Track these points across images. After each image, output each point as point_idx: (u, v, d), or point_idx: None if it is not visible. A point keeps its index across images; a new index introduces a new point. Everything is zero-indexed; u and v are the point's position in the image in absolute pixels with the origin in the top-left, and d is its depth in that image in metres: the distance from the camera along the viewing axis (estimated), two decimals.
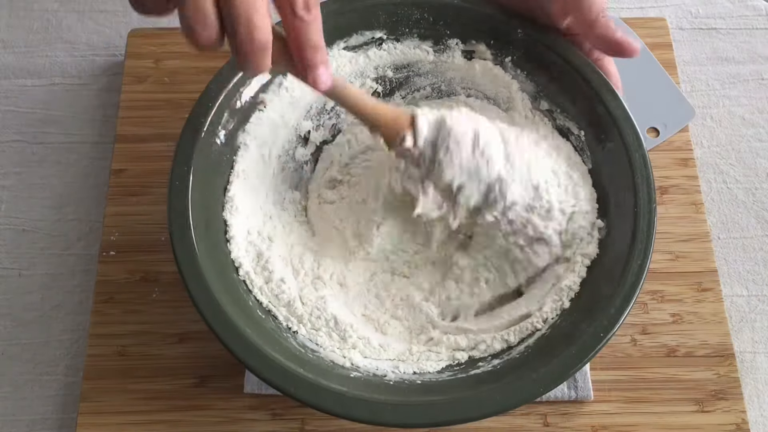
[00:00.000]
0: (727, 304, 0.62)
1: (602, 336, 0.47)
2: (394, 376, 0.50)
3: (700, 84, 0.71)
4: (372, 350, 0.52)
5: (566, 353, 0.47)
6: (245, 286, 0.52)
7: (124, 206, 0.64)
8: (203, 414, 0.57)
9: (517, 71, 0.59)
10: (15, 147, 0.68)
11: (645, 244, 0.50)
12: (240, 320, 0.48)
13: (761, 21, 0.74)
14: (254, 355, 0.47)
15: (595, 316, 0.48)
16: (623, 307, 0.48)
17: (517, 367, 0.49)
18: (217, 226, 0.53)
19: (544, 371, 0.47)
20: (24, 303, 0.62)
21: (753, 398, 0.59)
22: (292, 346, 0.50)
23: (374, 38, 0.59)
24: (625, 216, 0.52)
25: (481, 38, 0.59)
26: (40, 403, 0.59)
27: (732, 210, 0.66)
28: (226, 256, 0.53)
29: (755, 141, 0.69)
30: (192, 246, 0.49)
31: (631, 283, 0.49)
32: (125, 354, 0.59)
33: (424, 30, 0.59)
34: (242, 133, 0.56)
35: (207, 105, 0.53)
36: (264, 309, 0.52)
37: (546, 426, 0.56)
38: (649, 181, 0.52)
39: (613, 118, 0.54)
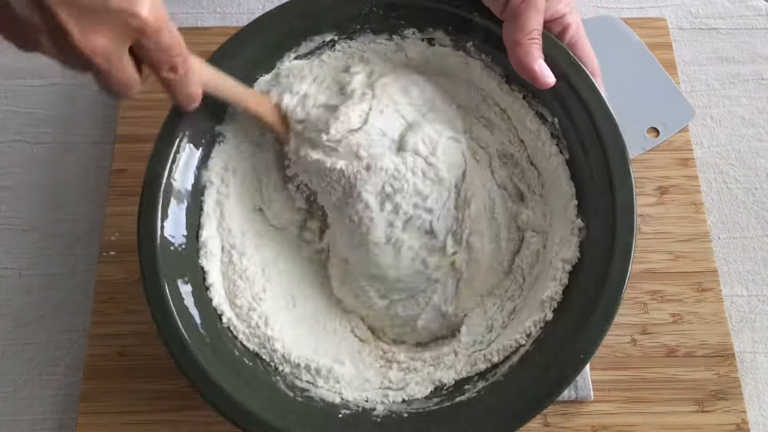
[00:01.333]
0: (727, 304, 0.62)
1: (584, 358, 0.47)
2: (383, 408, 0.51)
3: (700, 84, 0.71)
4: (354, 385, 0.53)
5: (548, 374, 0.47)
6: (230, 333, 0.52)
7: (124, 206, 0.64)
8: (203, 414, 0.57)
9: (482, 55, 0.56)
10: (15, 147, 0.68)
11: (626, 241, 0.48)
12: (227, 379, 0.48)
13: (761, 21, 0.74)
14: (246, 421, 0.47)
15: (576, 335, 0.47)
16: (605, 322, 0.47)
17: (502, 392, 0.49)
18: (195, 275, 0.52)
19: (526, 396, 0.47)
20: (24, 303, 0.62)
21: (753, 398, 0.59)
22: (282, 391, 0.51)
23: (325, 41, 0.57)
24: (604, 215, 0.50)
25: (438, 25, 0.56)
26: (40, 403, 0.59)
27: (732, 210, 0.66)
28: (208, 305, 0.52)
29: (755, 141, 0.69)
30: (170, 311, 0.49)
31: (614, 292, 0.47)
32: (125, 354, 0.59)
33: (375, 24, 0.57)
34: (205, 171, 0.55)
35: (162, 157, 0.52)
36: (251, 354, 0.52)
37: (546, 426, 0.56)
38: (627, 172, 0.49)
39: (584, 104, 0.51)
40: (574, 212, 0.52)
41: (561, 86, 0.52)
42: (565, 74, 0.52)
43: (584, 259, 0.51)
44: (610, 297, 0.47)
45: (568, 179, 0.54)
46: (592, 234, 0.51)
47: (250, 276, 0.55)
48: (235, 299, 0.53)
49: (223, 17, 0.74)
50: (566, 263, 0.51)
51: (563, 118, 0.53)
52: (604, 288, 0.48)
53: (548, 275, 0.52)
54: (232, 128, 0.56)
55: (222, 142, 0.56)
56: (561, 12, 0.52)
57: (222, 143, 0.56)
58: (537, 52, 0.50)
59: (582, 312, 0.48)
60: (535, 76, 0.51)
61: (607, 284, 0.48)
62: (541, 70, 0.50)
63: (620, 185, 0.49)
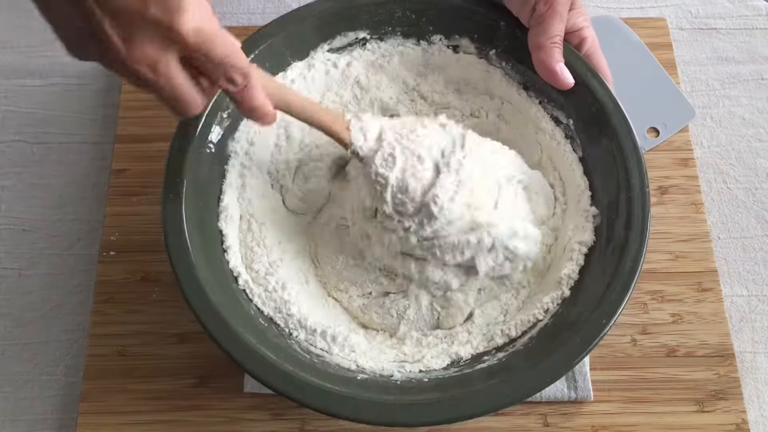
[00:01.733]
0: (727, 304, 0.62)
1: (605, 323, 0.47)
2: (401, 376, 0.50)
3: (700, 84, 0.71)
4: (370, 355, 0.52)
5: (570, 342, 0.47)
6: (245, 296, 0.53)
7: (124, 206, 0.64)
8: (203, 414, 0.57)
9: (502, 63, 0.60)
10: (15, 147, 0.68)
11: (641, 228, 0.50)
12: (244, 331, 0.48)
13: (761, 21, 0.74)
14: (260, 365, 0.47)
15: (597, 303, 0.48)
16: (623, 292, 0.48)
17: (522, 359, 0.49)
18: (213, 237, 0.53)
19: (549, 361, 0.47)
20: (24, 303, 0.62)
21: (753, 398, 0.59)
22: (297, 352, 0.50)
23: (358, 39, 0.60)
24: (619, 202, 0.52)
25: (464, 33, 0.60)
26: (40, 403, 0.59)
27: (732, 210, 0.66)
28: (225, 266, 0.53)
29: (755, 141, 0.69)
30: (190, 259, 0.49)
31: (629, 269, 0.49)
32: (125, 354, 0.59)
33: (406, 27, 0.60)
34: (232, 142, 0.56)
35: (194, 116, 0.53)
36: (266, 317, 0.52)
37: (546, 426, 0.56)
38: (641, 166, 0.52)
39: (601, 106, 0.54)
40: (587, 202, 0.55)
41: (578, 88, 0.55)
42: (582, 78, 0.55)
43: (599, 244, 0.53)
44: (629, 268, 0.49)
45: (581, 174, 0.56)
46: (606, 220, 0.53)
47: (268, 245, 0.55)
48: (251, 264, 0.54)
49: (223, 17, 0.74)
50: (582, 245, 0.53)
51: (577, 118, 0.56)
52: (622, 261, 0.49)
53: (564, 257, 0.54)
54: None
55: None
56: (579, 25, 0.57)
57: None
58: (558, 55, 0.54)
59: (600, 286, 0.49)
60: (556, 77, 0.55)
61: (624, 258, 0.49)
62: (561, 71, 0.55)
63: (634, 171, 0.52)
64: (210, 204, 0.54)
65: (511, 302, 0.55)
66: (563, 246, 0.55)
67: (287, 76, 0.59)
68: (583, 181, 0.56)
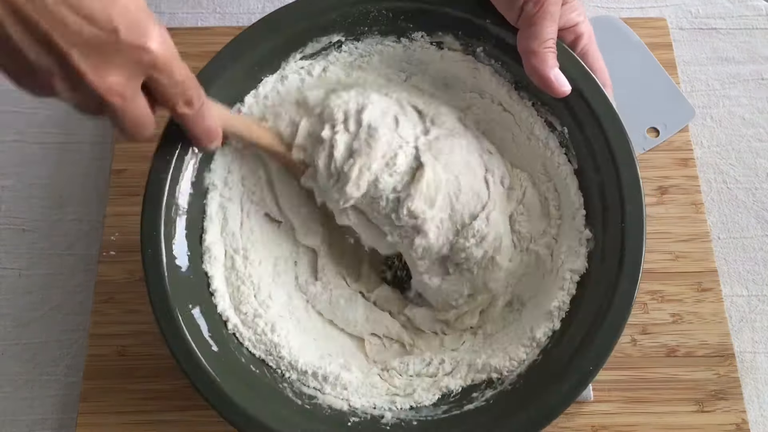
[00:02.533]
0: (727, 304, 0.62)
1: (592, 370, 0.47)
2: (392, 415, 0.50)
3: (700, 84, 0.71)
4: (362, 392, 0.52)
5: (558, 390, 0.47)
6: (236, 340, 0.52)
7: (124, 206, 0.64)
8: (203, 414, 0.57)
9: (491, 60, 0.55)
10: (15, 147, 0.68)
11: (633, 268, 0.48)
12: (236, 389, 0.48)
13: (761, 21, 0.74)
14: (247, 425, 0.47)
15: (586, 346, 0.47)
16: (613, 334, 0.47)
17: (510, 401, 0.49)
18: (199, 282, 0.52)
19: (535, 410, 0.47)
20: (24, 303, 0.62)
21: (753, 398, 0.59)
22: (289, 399, 0.50)
23: (332, 42, 0.56)
24: (613, 222, 0.49)
25: (448, 30, 0.55)
26: (40, 403, 0.59)
27: (732, 210, 0.66)
28: (214, 311, 0.52)
29: (755, 141, 0.69)
30: (179, 326, 0.48)
31: (621, 306, 0.47)
32: (125, 354, 0.59)
33: (384, 26, 0.55)
34: (208, 174, 0.54)
35: (165, 158, 0.51)
36: (258, 360, 0.52)
37: None
38: (637, 185, 0.49)
39: (594, 115, 0.51)
40: (582, 222, 0.52)
41: (572, 96, 0.51)
42: (577, 84, 0.51)
43: (592, 269, 0.51)
44: (619, 309, 0.47)
45: (576, 189, 0.53)
46: (600, 245, 0.50)
47: (256, 281, 0.54)
48: (240, 305, 0.53)
49: (223, 17, 0.74)
50: (574, 273, 0.51)
51: (573, 127, 0.53)
52: (614, 299, 0.48)
53: (556, 285, 0.52)
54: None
55: (225, 144, 0.54)
56: (574, 21, 0.52)
57: (225, 145, 0.54)
58: (552, 61, 0.50)
59: (590, 322, 0.48)
60: (551, 85, 0.50)
61: (616, 296, 0.48)
62: (557, 78, 0.50)
63: (630, 198, 0.49)
64: (194, 246, 0.52)
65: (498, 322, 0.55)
66: (556, 270, 0.53)
67: (259, 93, 0.55)
68: (578, 198, 0.53)
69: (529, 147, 0.56)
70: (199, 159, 0.53)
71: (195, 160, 0.52)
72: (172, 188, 0.51)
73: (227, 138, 0.51)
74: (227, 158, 0.55)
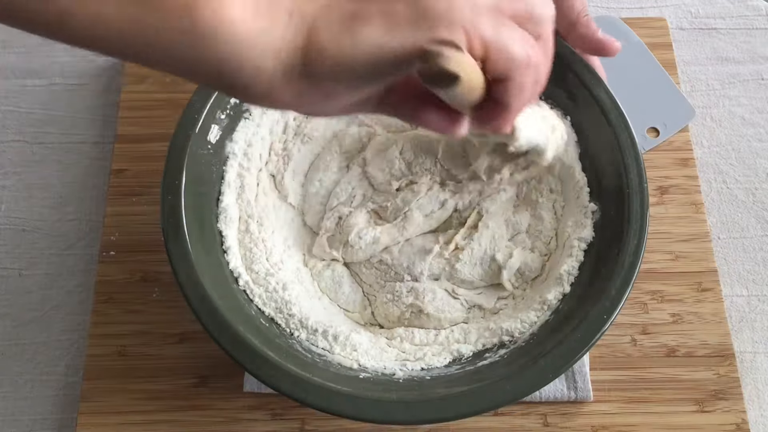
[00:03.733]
0: (727, 304, 0.62)
1: (605, 318, 0.47)
2: (403, 374, 0.50)
3: (700, 84, 0.71)
4: (372, 354, 0.52)
5: (571, 339, 0.47)
6: (246, 296, 0.52)
7: (124, 206, 0.64)
8: (203, 414, 0.57)
9: None
10: (15, 147, 0.68)
11: (640, 224, 0.50)
12: (246, 331, 0.48)
13: (761, 21, 0.74)
14: (262, 364, 0.46)
15: (597, 298, 0.48)
16: (623, 287, 0.48)
17: (524, 356, 0.49)
18: (212, 238, 0.53)
19: (550, 358, 0.47)
20: (24, 303, 0.62)
21: (753, 398, 0.59)
22: (299, 352, 0.50)
23: None
24: (617, 197, 0.52)
25: None
26: (40, 403, 0.59)
27: (732, 210, 0.66)
28: (225, 267, 0.53)
29: (755, 141, 0.69)
30: (190, 260, 0.49)
31: (629, 264, 0.49)
32: (125, 354, 0.59)
33: None
34: (230, 143, 0.56)
35: (193, 116, 0.53)
36: (267, 317, 0.52)
37: (546, 426, 0.56)
38: (639, 162, 0.52)
39: (598, 102, 0.54)
40: (586, 198, 0.55)
41: (574, 84, 0.55)
42: (578, 74, 0.54)
43: (598, 239, 0.53)
44: (629, 263, 0.49)
45: (580, 170, 0.56)
46: (605, 216, 0.53)
47: (269, 246, 0.55)
48: (251, 265, 0.54)
49: None
50: (582, 241, 0.53)
51: (576, 115, 0.56)
52: (621, 256, 0.49)
53: (564, 253, 0.54)
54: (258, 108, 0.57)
55: (248, 119, 0.57)
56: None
57: (248, 119, 0.57)
58: (594, 25, 0.52)
59: (600, 281, 0.50)
60: (604, 45, 0.53)
61: (623, 253, 0.49)
62: (606, 38, 0.53)
63: (632, 167, 0.52)
64: (209, 205, 0.54)
65: (509, 302, 0.56)
66: (563, 242, 0.55)
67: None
68: (582, 178, 0.56)
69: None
70: (223, 126, 0.55)
71: (219, 126, 0.55)
72: (195, 143, 0.53)
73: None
74: (249, 131, 0.57)
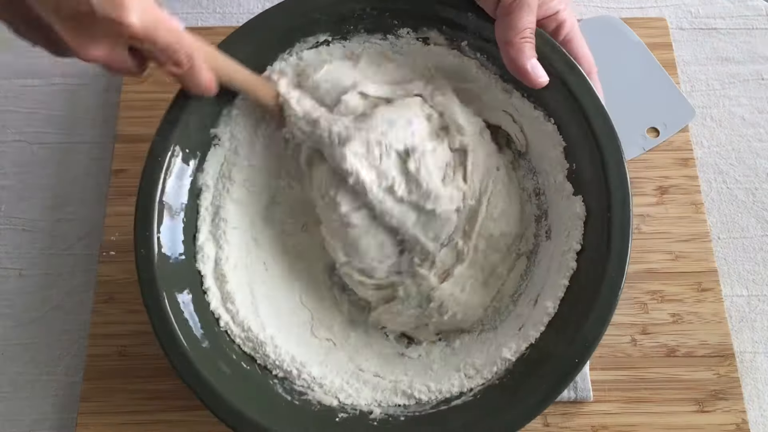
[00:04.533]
0: (727, 304, 0.62)
1: (578, 362, 0.47)
2: (380, 411, 0.51)
3: (700, 84, 0.71)
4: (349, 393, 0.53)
5: (545, 380, 0.47)
6: (228, 337, 0.52)
7: (124, 206, 0.63)
8: (203, 414, 0.57)
9: (477, 54, 0.56)
10: (15, 147, 0.68)
11: (619, 262, 0.48)
12: (227, 388, 0.49)
13: (761, 21, 0.74)
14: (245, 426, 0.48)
15: (571, 339, 0.48)
16: (599, 327, 0.47)
17: (498, 396, 0.49)
18: (193, 281, 0.52)
19: (523, 402, 0.47)
20: (24, 303, 0.62)
21: (753, 398, 0.59)
22: (279, 395, 0.51)
23: (318, 42, 0.56)
24: (600, 220, 0.50)
25: (432, 24, 0.55)
26: (40, 403, 0.59)
27: (732, 210, 0.66)
28: (207, 310, 0.52)
29: (755, 141, 0.69)
30: (172, 325, 0.49)
31: (606, 301, 0.48)
32: (125, 354, 0.59)
33: (370, 24, 0.56)
34: (201, 175, 0.55)
35: (157, 158, 0.52)
36: (248, 358, 0.52)
37: (546, 426, 0.56)
38: (623, 181, 0.49)
39: (580, 106, 0.51)
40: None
41: (557, 87, 0.51)
42: (561, 74, 0.51)
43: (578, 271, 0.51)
44: (606, 301, 0.48)
45: (563, 176, 0.54)
46: (587, 246, 0.51)
47: (243, 281, 0.55)
48: (226, 304, 0.53)
49: (223, 17, 0.74)
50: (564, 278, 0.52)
51: (559, 117, 0.53)
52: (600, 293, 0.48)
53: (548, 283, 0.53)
54: (227, 131, 0.56)
55: (217, 145, 0.56)
56: (555, 9, 0.52)
57: (217, 146, 0.56)
58: (530, 51, 0.50)
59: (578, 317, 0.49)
60: (528, 76, 0.50)
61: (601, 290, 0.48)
62: (533, 69, 0.50)
63: (615, 182, 0.50)
64: (187, 245, 0.53)
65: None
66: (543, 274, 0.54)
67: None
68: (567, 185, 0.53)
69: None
70: (195, 161, 0.54)
71: (191, 162, 0.54)
72: (164, 187, 0.52)
73: (225, 87, 0.52)
74: (220, 159, 0.56)
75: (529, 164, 0.58)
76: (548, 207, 0.56)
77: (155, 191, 0.52)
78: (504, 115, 0.57)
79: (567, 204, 0.53)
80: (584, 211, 0.51)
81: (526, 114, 0.56)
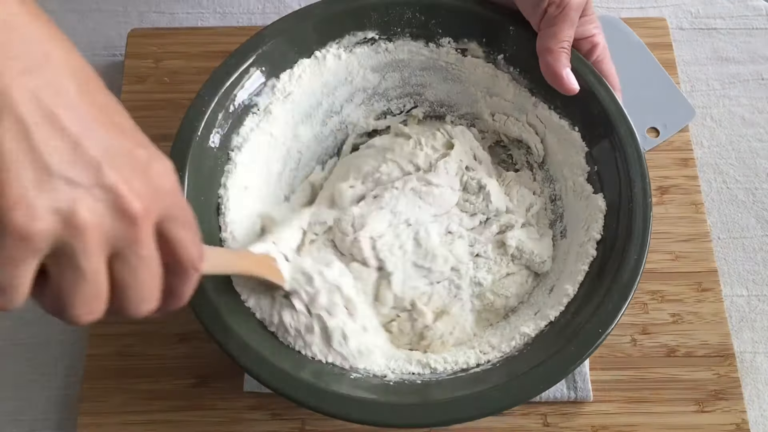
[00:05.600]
0: (727, 304, 0.62)
1: (600, 332, 0.47)
2: (395, 377, 0.50)
3: (700, 84, 0.71)
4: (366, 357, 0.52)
5: (565, 350, 0.47)
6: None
7: None
8: (203, 414, 0.57)
9: (510, 68, 0.59)
10: None
11: (641, 240, 0.50)
12: (240, 328, 0.48)
13: (761, 21, 0.74)
14: (255, 361, 0.47)
15: (593, 312, 0.48)
16: (620, 303, 0.48)
17: (517, 364, 0.49)
18: (213, 237, 0.52)
19: (544, 368, 0.47)
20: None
21: (753, 398, 0.59)
22: (294, 351, 0.50)
23: (366, 38, 0.59)
24: (621, 212, 0.52)
25: (473, 36, 0.59)
26: (40, 403, 0.59)
27: (732, 210, 0.66)
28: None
29: (755, 141, 0.69)
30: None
31: (627, 279, 0.49)
32: (125, 354, 0.59)
33: (416, 29, 0.59)
34: (236, 137, 0.55)
35: (200, 109, 0.53)
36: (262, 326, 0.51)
37: (546, 426, 0.56)
38: (644, 176, 0.52)
39: (606, 114, 0.54)
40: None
41: (585, 97, 0.55)
42: (590, 86, 0.55)
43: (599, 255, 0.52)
44: (627, 279, 0.49)
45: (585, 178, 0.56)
46: (608, 231, 0.53)
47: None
48: None
49: (223, 17, 0.74)
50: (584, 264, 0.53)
51: (585, 126, 0.56)
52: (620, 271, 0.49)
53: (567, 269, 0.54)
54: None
55: (255, 113, 0.57)
56: (591, 32, 0.56)
57: (255, 114, 0.57)
58: (566, 60, 0.54)
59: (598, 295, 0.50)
60: (562, 82, 0.54)
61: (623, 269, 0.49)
62: (567, 76, 0.54)
63: (637, 182, 0.52)
64: (211, 201, 0.53)
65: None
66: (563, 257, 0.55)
67: (294, 73, 0.58)
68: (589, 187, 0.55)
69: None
70: (230, 123, 0.55)
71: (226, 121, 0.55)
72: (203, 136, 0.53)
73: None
74: (256, 126, 0.57)
75: (546, 173, 0.61)
76: (564, 210, 0.58)
77: (193, 138, 0.52)
78: (527, 128, 0.60)
79: (586, 203, 0.55)
80: (605, 205, 0.54)
81: (550, 124, 0.58)
